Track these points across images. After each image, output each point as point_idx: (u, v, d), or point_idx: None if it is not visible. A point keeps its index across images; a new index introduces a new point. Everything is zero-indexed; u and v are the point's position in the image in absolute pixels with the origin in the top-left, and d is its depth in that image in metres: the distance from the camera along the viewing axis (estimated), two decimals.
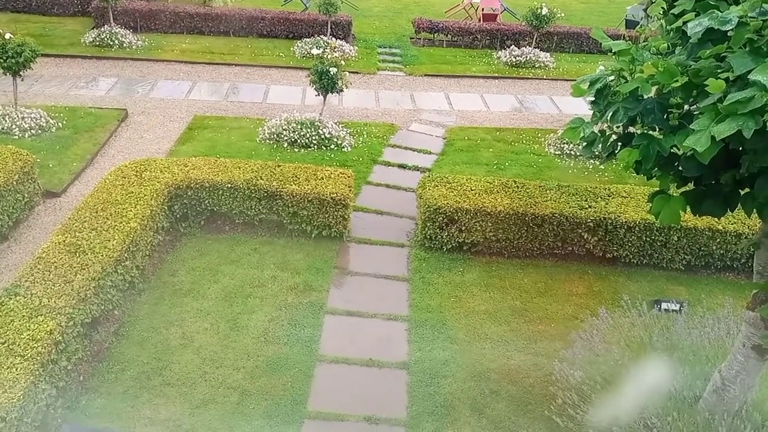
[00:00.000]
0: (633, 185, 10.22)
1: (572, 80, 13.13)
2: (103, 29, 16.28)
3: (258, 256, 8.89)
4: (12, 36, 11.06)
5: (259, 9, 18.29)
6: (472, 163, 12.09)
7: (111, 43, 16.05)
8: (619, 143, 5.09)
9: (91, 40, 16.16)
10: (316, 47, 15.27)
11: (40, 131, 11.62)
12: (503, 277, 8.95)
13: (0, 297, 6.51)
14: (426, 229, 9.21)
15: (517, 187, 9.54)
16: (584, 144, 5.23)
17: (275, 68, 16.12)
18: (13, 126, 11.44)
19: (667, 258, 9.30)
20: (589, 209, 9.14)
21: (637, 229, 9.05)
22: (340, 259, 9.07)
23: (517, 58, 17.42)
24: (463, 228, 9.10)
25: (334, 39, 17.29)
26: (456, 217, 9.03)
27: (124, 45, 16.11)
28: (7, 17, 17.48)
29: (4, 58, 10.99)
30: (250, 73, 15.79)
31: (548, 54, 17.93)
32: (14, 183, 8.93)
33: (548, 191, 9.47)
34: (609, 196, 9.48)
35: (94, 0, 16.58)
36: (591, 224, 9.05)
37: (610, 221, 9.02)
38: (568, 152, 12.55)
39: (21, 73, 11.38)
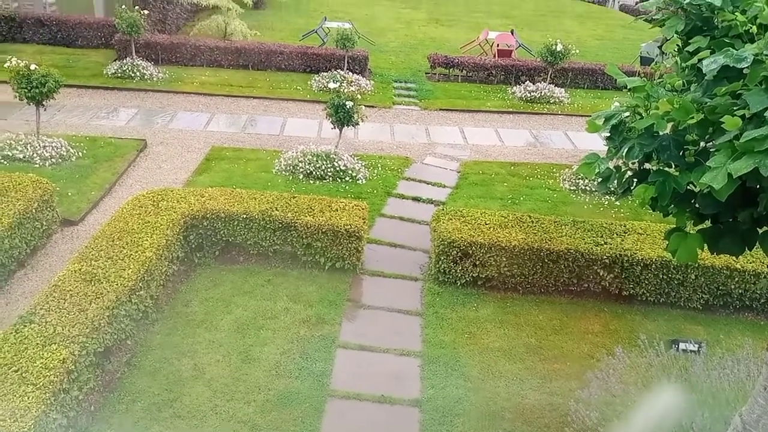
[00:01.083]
0: (649, 222, 10.14)
1: (587, 116, 13.17)
2: (125, 61, 16.66)
3: (271, 288, 8.89)
4: (37, 67, 11.32)
5: (278, 43, 18.64)
6: (487, 197, 12.09)
7: (133, 74, 16.40)
8: (635, 179, 5.07)
9: (114, 71, 16.53)
10: (333, 81, 15.49)
11: (60, 160, 11.82)
12: (518, 313, 8.85)
13: (15, 324, 6.55)
14: (440, 262, 9.16)
15: (532, 222, 9.49)
16: (599, 180, 5.22)
17: (292, 101, 16.35)
18: (35, 155, 11.66)
19: (684, 297, 9.16)
20: (605, 246, 9.06)
21: (653, 266, 8.94)
22: (353, 292, 9.03)
23: (532, 94, 17.53)
24: (477, 262, 9.05)
25: (350, 73, 17.53)
26: (470, 251, 8.99)
27: (146, 77, 16.46)
28: (33, 49, 17.97)
29: (29, 88, 11.23)
30: (268, 105, 16.01)
31: (563, 90, 18.04)
32: (33, 211, 9.05)
33: (563, 227, 9.42)
34: (625, 233, 9.40)
35: (117, 33, 16.99)
36: (607, 261, 8.96)
37: (626, 258, 8.93)
38: (583, 188, 12.52)
39: (44, 102, 11.61)
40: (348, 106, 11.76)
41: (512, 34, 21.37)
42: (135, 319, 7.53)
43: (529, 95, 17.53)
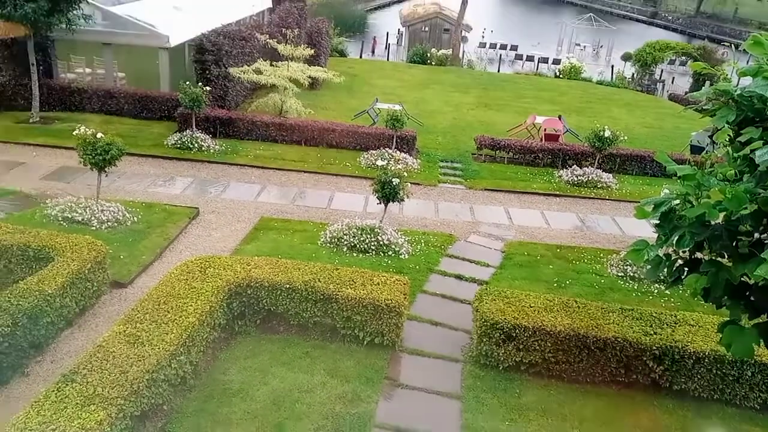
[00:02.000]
0: (701, 313, 9.76)
1: (635, 202, 13.02)
2: (185, 133, 17.49)
3: (309, 360, 8.82)
4: (102, 135, 11.97)
5: (330, 122, 19.30)
6: (532, 279, 11.90)
7: (191, 146, 17.16)
8: (686, 268, 4.96)
9: (174, 142, 17.34)
10: (381, 159, 15.85)
11: (116, 224, 12.29)
12: (562, 402, 8.50)
13: (58, 382, 6.66)
14: (482, 344, 8.96)
15: (578, 307, 9.26)
16: (648, 267, 5.12)
17: (341, 176, 16.74)
18: (93, 218, 12.16)
19: (740, 395, 8.66)
20: (654, 336, 8.72)
21: (706, 360, 8.53)
22: (391, 370, 8.87)
23: (579, 178, 17.50)
24: (521, 346, 8.81)
25: (398, 152, 17.92)
26: (514, 334, 8.78)
27: (203, 148, 17.20)
28: (100, 118, 19.09)
29: (93, 155, 11.85)
30: (318, 180, 16.43)
31: (611, 175, 17.96)
32: (86, 272, 9.36)
33: (611, 314, 9.15)
34: (675, 323, 9.05)
35: (180, 107, 17.94)
36: (656, 352, 8.61)
37: (677, 350, 8.56)
38: (631, 274, 12.22)
39: (106, 169, 12.21)
40: (394, 183, 11.98)
41: (560, 119, 21.62)
42: (173, 384, 7.55)
43: (576, 179, 17.51)
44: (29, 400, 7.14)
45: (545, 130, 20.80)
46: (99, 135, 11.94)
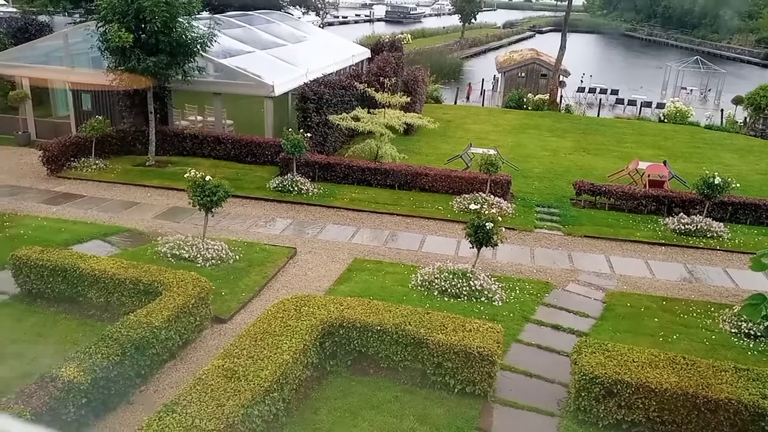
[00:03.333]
0: None
1: (750, 253, 12.11)
2: (286, 177, 18.25)
3: (399, 405, 8.71)
4: (211, 178, 12.70)
5: (424, 166, 19.49)
6: (635, 332, 11.25)
7: (291, 189, 17.86)
8: None
9: (275, 185, 18.13)
10: (474, 203, 15.74)
11: (219, 262, 12.88)
12: None
13: (159, 412, 6.95)
14: (580, 399, 8.52)
15: (687, 364, 8.62)
16: (766, 323, 4.73)
17: (433, 220, 16.76)
18: (198, 255, 12.82)
19: None
20: None
21: None
22: (482, 421, 8.59)
23: (687, 227, 16.55)
24: (623, 403, 8.29)
25: (492, 196, 17.75)
26: (615, 390, 8.28)
27: (302, 191, 17.84)
28: (209, 162, 20.29)
29: (202, 196, 12.58)
30: (410, 223, 16.54)
31: (721, 224, 16.84)
32: (190, 307, 9.83)
33: (723, 373, 8.45)
34: None
35: (282, 152, 18.78)
36: None
37: None
38: (746, 331, 11.27)
39: (213, 209, 12.90)
40: (488, 227, 11.82)
41: (665, 164, 20.70)
42: (266, 420, 7.67)
43: (683, 228, 16.56)
44: (133, 427, 7.52)
45: (649, 175, 19.96)
46: (207, 178, 12.65)
